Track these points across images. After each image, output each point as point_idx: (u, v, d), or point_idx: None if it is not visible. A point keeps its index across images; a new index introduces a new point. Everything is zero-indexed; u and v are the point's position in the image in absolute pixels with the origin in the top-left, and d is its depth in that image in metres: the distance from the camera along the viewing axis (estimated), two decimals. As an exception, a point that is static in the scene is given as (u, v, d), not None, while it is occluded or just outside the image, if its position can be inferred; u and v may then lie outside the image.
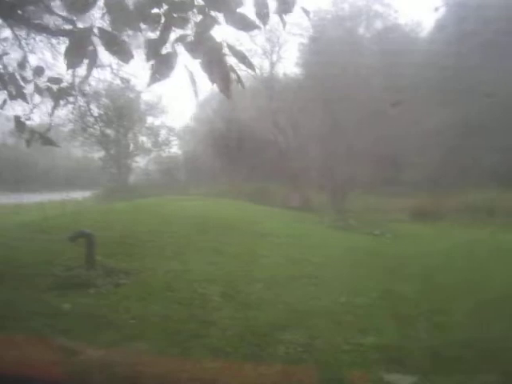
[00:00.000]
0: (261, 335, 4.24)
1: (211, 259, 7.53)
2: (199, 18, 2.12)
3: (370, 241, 10.74)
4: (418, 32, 21.10)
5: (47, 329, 4.19)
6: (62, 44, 7.60)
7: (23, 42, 6.49)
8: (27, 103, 4.17)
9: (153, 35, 2.16)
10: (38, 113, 6.94)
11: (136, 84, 21.25)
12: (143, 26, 2.14)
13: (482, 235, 10.90)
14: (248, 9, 2.19)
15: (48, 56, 8.99)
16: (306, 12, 2.55)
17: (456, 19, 18.16)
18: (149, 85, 2.21)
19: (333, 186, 17.75)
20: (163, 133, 27.06)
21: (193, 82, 2.18)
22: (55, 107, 5.18)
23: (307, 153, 18.95)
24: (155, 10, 2.07)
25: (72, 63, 2.22)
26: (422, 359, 3.62)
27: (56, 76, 4.38)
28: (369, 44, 19.46)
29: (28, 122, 4.59)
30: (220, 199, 16.89)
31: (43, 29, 6.38)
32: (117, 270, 6.46)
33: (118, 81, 13.02)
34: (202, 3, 2.12)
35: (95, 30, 2.13)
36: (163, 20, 2.08)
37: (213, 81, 2.20)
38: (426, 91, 16.85)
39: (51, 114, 6.01)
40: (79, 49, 2.15)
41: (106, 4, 2.12)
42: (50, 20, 6.72)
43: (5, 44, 6.54)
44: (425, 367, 3.49)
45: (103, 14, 2.15)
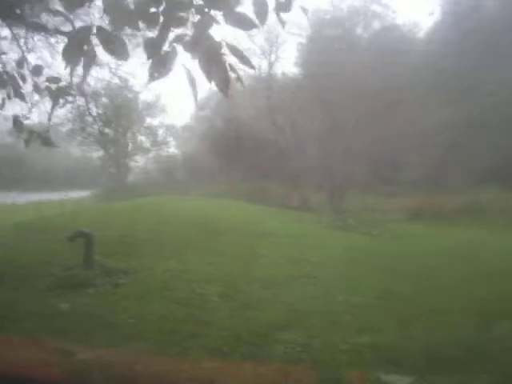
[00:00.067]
0: (259, 335, 4.24)
1: (210, 259, 7.53)
2: (197, 18, 2.12)
3: (369, 241, 10.76)
4: (416, 32, 21.18)
5: (46, 329, 4.19)
6: (61, 43, 7.59)
7: (21, 41, 6.48)
8: (26, 103, 4.16)
9: (152, 34, 2.16)
10: (37, 112, 6.93)
11: (135, 83, 21.29)
12: (142, 26, 2.14)
13: (481, 235, 10.92)
14: (247, 8, 2.19)
15: (46, 55, 8.99)
16: (305, 10, 2.54)
17: (453, 19, 18.20)
18: (147, 83, 2.21)
19: (331, 186, 17.77)
20: (162, 132, 27.07)
21: (191, 81, 2.18)
22: (54, 106, 5.17)
23: (306, 152, 18.97)
24: (154, 9, 2.07)
25: (70, 61, 2.22)
26: (420, 359, 3.62)
27: (54, 75, 4.37)
28: (367, 44, 19.48)
29: (27, 122, 4.59)
30: (219, 199, 16.90)
31: (41, 28, 6.37)
32: (115, 270, 6.45)
33: (117, 80, 13.03)
34: (201, 2, 2.13)
35: (94, 29, 2.13)
36: (162, 19, 2.08)
37: (211, 80, 2.20)
38: (424, 91, 16.88)
39: (50, 114, 6.01)
40: (77, 47, 2.15)
41: (105, 2, 2.12)
42: (49, 19, 6.72)
43: (3, 43, 6.52)
44: (422, 367, 3.49)
45: (102, 13, 2.16)
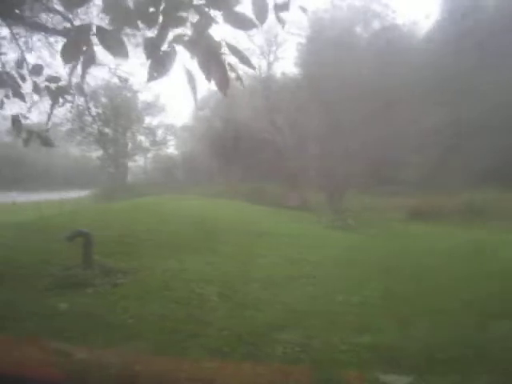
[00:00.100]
0: (258, 335, 4.23)
1: (209, 259, 7.53)
2: (196, 18, 2.11)
3: (368, 240, 10.77)
4: (416, 31, 21.18)
5: (45, 329, 4.18)
6: (60, 42, 7.57)
7: (21, 41, 6.47)
8: (25, 102, 4.15)
9: (151, 34, 2.16)
10: (37, 112, 6.92)
11: (134, 83, 21.30)
12: (141, 25, 2.13)
13: (480, 235, 10.92)
14: (246, 7, 2.19)
15: (46, 55, 8.97)
16: (304, 10, 2.54)
17: (453, 19, 18.21)
18: (146, 83, 2.22)
19: (330, 186, 17.77)
20: (161, 132, 27.06)
21: (191, 81, 2.18)
22: (53, 106, 5.16)
23: (305, 152, 18.97)
24: (153, 9, 2.07)
25: (69, 61, 2.22)
26: (419, 359, 3.62)
27: (54, 75, 4.36)
28: (366, 44, 19.49)
29: (26, 122, 4.57)
30: (218, 199, 16.90)
31: (41, 27, 6.36)
32: (115, 270, 6.45)
33: (116, 80, 13.02)
34: (200, 2, 2.12)
35: (93, 28, 2.13)
36: (161, 19, 2.07)
37: (210, 79, 2.19)
38: (423, 91, 16.89)
39: (50, 113, 5.99)
40: (76, 46, 2.14)
41: (104, 2, 2.12)
42: (48, 18, 6.71)
43: (2, 43, 6.51)
44: (422, 367, 3.49)
45: (101, 12, 2.16)
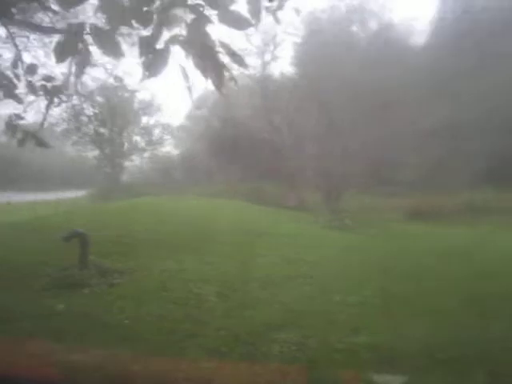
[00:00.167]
0: (256, 335, 4.23)
1: (207, 259, 7.51)
2: (191, 17, 2.10)
3: (366, 241, 10.77)
4: (413, 31, 21.18)
5: (41, 330, 4.16)
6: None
7: (16, 41, 6.42)
8: (19, 103, 4.13)
9: (147, 33, 2.15)
10: (32, 112, 6.88)
11: (131, 82, 21.24)
12: (137, 25, 2.12)
13: (478, 235, 10.92)
14: (242, 7, 2.18)
15: (41, 54, 8.94)
16: (297, 12, 2.55)
17: (451, 18, 18.25)
18: (141, 81, 2.21)
19: (328, 186, 17.79)
20: (158, 131, 27.01)
21: (186, 79, 2.17)
22: (49, 106, 5.14)
23: (303, 152, 18.98)
24: (148, 8, 2.06)
25: (61, 59, 2.20)
26: (415, 359, 3.63)
27: (49, 75, 4.34)
28: (363, 44, 19.51)
29: (21, 122, 4.55)
30: (216, 199, 16.88)
31: (36, 27, 6.33)
32: (111, 270, 6.42)
33: (112, 79, 12.99)
34: (196, 2, 2.11)
35: (87, 27, 2.12)
36: (156, 18, 2.06)
37: (206, 77, 2.18)
38: (422, 90, 16.91)
39: (45, 113, 5.97)
40: (70, 45, 2.13)
41: (101, 1, 2.11)
42: (44, 18, 6.68)
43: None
44: (418, 367, 3.49)
45: (96, 11, 2.14)
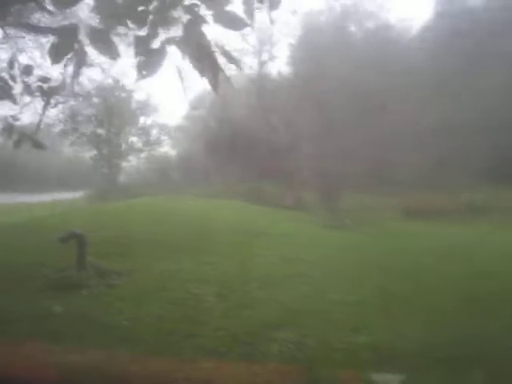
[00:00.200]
0: (255, 334, 4.23)
1: (205, 259, 7.50)
2: (187, 18, 2.09)
3: (364, 240, 10.77)
4: (410, 30, 21.20)
5: (39, 331, 4.15)
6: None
7: (12, 42, 6.40)
8: (15, 104, 4.11)
9: (143, 33, 2.14)
10: (29, 112, 6.86)
11: (128, 83, 21.19)
12: (132, 25, 2.11)
13: (477, 234, 10.91)
14: (237, 7, 2.17)
15: (37, 55, 8.91)
16: (294, 13, 2.54)
17: (447, 17, 18.28)
18: (137, 81, 2.20)
19: (327, 185, 17.79)
20: (155, 132, 26.96)
21: (182, 80, 2.17)
22: (46, 106, 5.12)
23: (301, 152, 18.98)
24: (143, 8, 2.05)
25: (56, 59, 2.19)
26: (414, 358, 3.63)
27: (46, 75, 4.32)
28: (360, 43, 19.52)
29: (17, 123, 4.52)
30: (213, 199, 16.86)
31: (32, 28, 6.30)
32: (109, 271, 6.41)
33: (109, 80, 12.97)
34: (192, 2, 2.10)
35: (82, 27, 2.11)
36: (151, 18, 2.05)
37: (203, 75, 2.18)
38: (419, 89, 16.93)
39: (42, 114, 5.94)
40: (65, 45, 2.12)
41: (96, 1, 2.10)
42: (40, 19, 6.65)
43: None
44: (417, 366, 3.49)
45: (91, 10, 2.13)
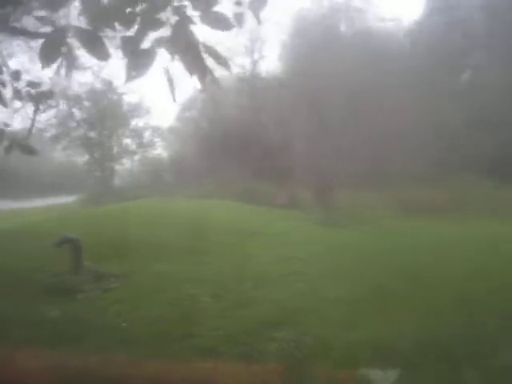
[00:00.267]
0: (252, 333, 4.26)
1: (200, 259, 7.51)
2: (175, 19, 2.10)
3: (357, 237, 10.76)
4: (400, 27, 21.27)
5: (36, 336, 4.14)
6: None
7: (1, 46, 6.35)
8: (5, 107, 4.08)
9: (131, 33, 2.14)
10: (20, 118, 6.82)
11: (118, 85, 21.09)
12: (120, 26, 2.12)
13: (473, 230, 10.90)
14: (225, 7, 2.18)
15: (26, 60, 8.86)
16: (283, 11, 2.56)
17: (439, 13, 18.39)
18: (126, 82, 2.20)
19: (320, 183, 17.82)
20: (148, 134, 26.85)
21: (170, 81, 2.17)
22: (36, 112, 5.10)
23: (294, 150, 19.01)
24: (131, 9, 2.05)
25: (47, 63, 2.19)
26: (411, 355, 3.66)
27: (35, 79, 4.31)
28: (350, 40, 19.58)
29: (7, 129, 4.49)
30: (207, 200, 16.83)
31: (21, 32, 6.26)
32: (105, 275, 6.41)
33: (100, 83, 12.92)
34: (181, 3, 2.11)
35: (71, 29, 2.11)
36: (139, 19, 2.06)
37: (192, 73, 2.18)
38: (411, 86, 17.00)
39: (33, 119, 5.92)
40: (54, 48, 2.12)
41: (83, 2, 2.10)
42: (29, 22, 6.60)
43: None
44: (414, 363, 3.52)
45: (79, 12, 2.13)
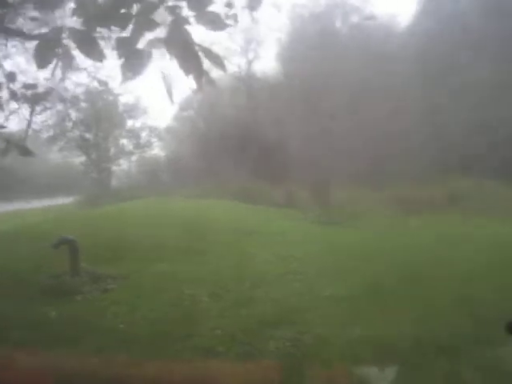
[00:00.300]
0: (251, 333, 4.27)
1: (198, 259, 7.52)
2: (170, 19, 2.10)
3: (354, 236, 10.75)
4: (396, 24, 21.27)
5: (34, 338, 4.14)
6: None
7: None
8: (1, 110, 4.08)
9: (125, 34, 2.14)
10: (16, 119, 6.80)
11: (115, 86, 21.00)
12: (115, 27, 2.12)
13: (470, 227, 10.89)
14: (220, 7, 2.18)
15: (22, 61, 8.82)
16: (278, 7, 2.56)
17: (435, 11, 18.40)
18: (122, 83, 2.20)
19: (317, 182, 17.84)
20: (144, 134, 26.80)
21: (166, 82, 2.17)
22: (32, 113, 5.09)
23: (291, 149, 19.01)
24: (126, 10, 2.05)
25: (42, 64, 2.19)
26: (408, 351, 3.68)
27: (31, 81, 4.31)
28: (346, 38, 19.59)
29: (3, 130, 4.48)
30: (205, 199, 16.81)
31: (16, 33, 6.23)
32: (103, 276, 6.40)
33: (96, 84, 12.87)
34: (175, 3, 2.11)
35: (66, 30, 2.11)
36: (134, 20, 2.06)
37: (188, 73, 2.18)
38: (408, 84, 17.02)
39: (29, 121, 5.90)
40: (49, 49, 2.12)
41: (76, 3, 2.10)
42: (24, 24, 6.58)
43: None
44: (411, 359, 3.54)
45: (72, 12, 2.12)
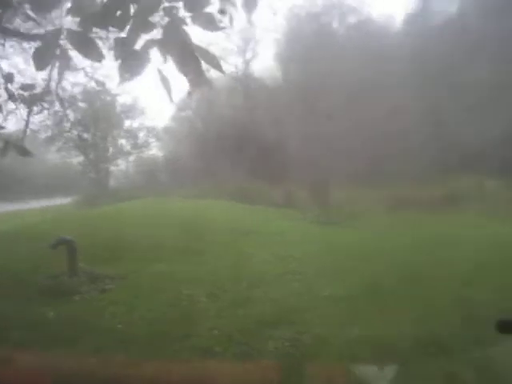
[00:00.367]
0: (249, 333, 4.28)
1: (196, 259, 7.51)
2: (167, 20, 2.10)
3: (353, 236, 10.77)
4: (393, 25, 21.31)
5: (32, 338, 4.14)
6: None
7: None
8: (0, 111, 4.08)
9: (123, 34, 2.14)
10: (14, 120, 6.79)
11: (112, 86, 20.98)
12: (112, 28, 2.12)
13: (468, 226, 10.90)
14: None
15: (19, 62, 8.81)
16: (274, 10, 2.57)
17: (431, 10, 18.45)
18: (119, 84, 2.20)
19: (315, 182, 17.85)
20: (142, 134, 26.79)
21: (164, 82, 2.18)
22: (30, 114, 5.10)
23: (288, 150, 19.02)
24: (122, 11, 2.05)
25: (41, 65, 2.20)
26: (407, 350, 3.69)
27: (29, 81, 4.31)
28: (343, 39, 19.62)
29: (2, 131, 4.48)
30: (203, 199, 16.82)
31: (13, 33, 6.23)
32: (101, 276, 6.40)
33: (93, 84, 12.86)
34: (172, 4, 2.11)
35: (64, 32, 2.11)
36: (132, 21, 2.06)
37: (185, 74, 2.18)
38: (403, 82, 17.05)
39: (27, 121, 5.90)
40: (48, 50, 2.13)
41: (72, 4, 2.10)
42: (22, 24, 6.58)
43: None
44: (410, 358, 3.55)
45: (68, 12, 2.12)
